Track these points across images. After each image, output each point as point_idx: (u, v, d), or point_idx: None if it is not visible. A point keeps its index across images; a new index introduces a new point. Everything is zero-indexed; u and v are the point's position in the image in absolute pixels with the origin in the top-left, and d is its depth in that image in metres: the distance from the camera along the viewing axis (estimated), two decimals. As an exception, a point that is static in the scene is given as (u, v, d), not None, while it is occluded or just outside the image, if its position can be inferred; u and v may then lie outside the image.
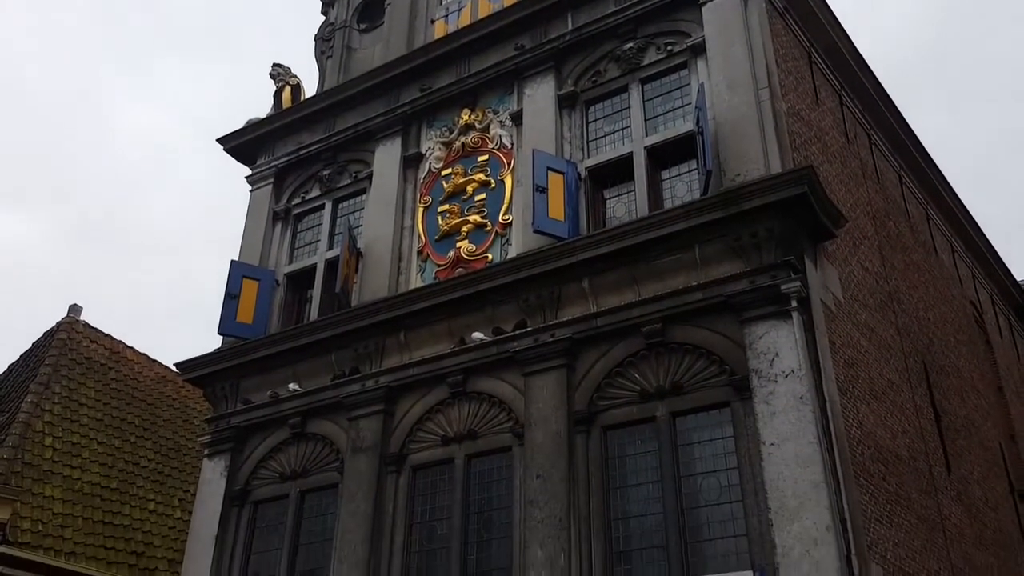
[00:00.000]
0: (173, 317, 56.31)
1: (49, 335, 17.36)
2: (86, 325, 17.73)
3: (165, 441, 17.35)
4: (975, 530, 12.10)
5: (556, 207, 11.03)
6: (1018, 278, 20.43)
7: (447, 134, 13.32)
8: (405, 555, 10.66)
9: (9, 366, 17.77)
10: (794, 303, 9.15)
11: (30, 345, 17.73)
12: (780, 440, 8.66)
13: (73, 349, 16.93)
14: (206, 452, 13.00)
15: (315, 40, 16.42)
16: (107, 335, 18.00)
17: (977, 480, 13.01)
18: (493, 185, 12.44)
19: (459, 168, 12.92)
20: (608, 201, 11.63)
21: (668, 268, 10.06)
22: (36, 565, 13.60)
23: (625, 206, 11.36)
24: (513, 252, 11.57)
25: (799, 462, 8.48)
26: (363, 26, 16.01)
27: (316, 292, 13.52)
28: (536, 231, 10.95)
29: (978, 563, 11.76)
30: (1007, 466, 14.82)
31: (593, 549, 9.37)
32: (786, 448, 8.59)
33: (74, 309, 17.82)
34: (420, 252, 12.70)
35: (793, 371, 8.88)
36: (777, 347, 9.07)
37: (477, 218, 12.31)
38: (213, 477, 12.67)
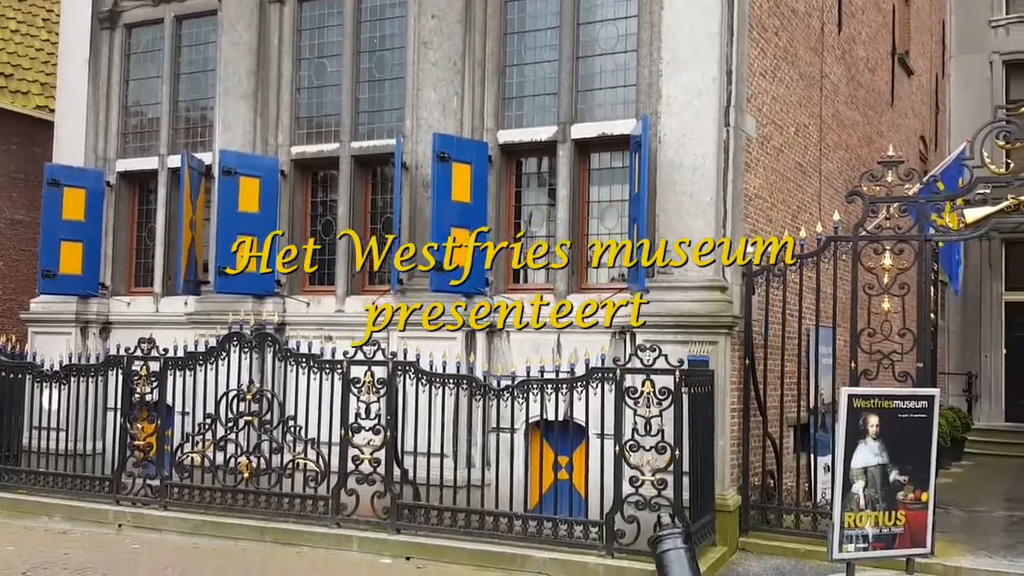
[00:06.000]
0: None
1: None
2: None
3: (15, -49, 15.55)
4: (850, 89, 12.63)
5: None
6: None
7: None
8: (294, 90, 10.50)
9: None
10: None
11: None
12: (684, -11, 8.44)
13: None
14: (64, -34, 11.80)
15: None
16: None
17: (864, 41, 13.25)
18: None
19: None
20: None
21: None
22: None
23: None
24: None
25: (699, 11, 8.48)
26: None
27: None
28: None
29: (846, 120, 12.48)
30: (895, 27, 15.06)
31: (486, 93, 9.41)
32: (689, -3, 8.43)
33: None
34: None
35: (712, -89, 8.36)
36: None
37: None
38: (76, -5, 11.67)
